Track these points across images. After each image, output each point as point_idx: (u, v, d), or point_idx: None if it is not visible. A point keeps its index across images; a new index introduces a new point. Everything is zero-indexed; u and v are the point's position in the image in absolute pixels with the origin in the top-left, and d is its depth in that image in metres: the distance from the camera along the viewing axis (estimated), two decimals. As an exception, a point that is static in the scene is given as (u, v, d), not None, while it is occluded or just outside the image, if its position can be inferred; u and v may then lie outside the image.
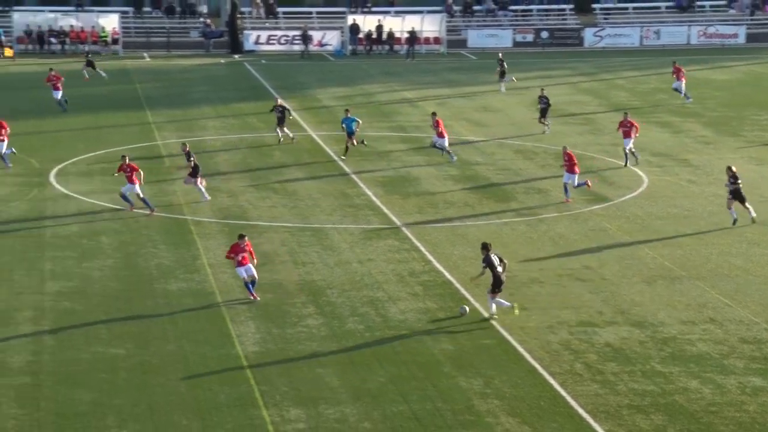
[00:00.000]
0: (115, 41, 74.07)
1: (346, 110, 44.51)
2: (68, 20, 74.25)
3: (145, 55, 73.28)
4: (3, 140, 40.37)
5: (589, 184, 37.65)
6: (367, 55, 75.15)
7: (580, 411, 21.81)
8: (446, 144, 42.45)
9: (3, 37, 72.16)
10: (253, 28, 77.46)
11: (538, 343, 25.17)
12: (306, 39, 74.27)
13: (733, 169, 34.54)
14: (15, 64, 67.97)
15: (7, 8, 76.54)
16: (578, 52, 76.15)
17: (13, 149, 41.31)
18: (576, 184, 37.22)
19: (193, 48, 75.80)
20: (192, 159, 36.99)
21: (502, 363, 24.09)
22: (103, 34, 73.93)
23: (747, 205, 34.31)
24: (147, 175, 40.35)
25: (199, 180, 36.82)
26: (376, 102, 57.07)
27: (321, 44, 75.42)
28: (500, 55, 61.30)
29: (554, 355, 24.46)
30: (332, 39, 76.35)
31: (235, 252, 27.75)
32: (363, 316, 26.79)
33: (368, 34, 76.11)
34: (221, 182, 39.68)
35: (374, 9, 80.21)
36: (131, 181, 34.78)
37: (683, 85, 55.69)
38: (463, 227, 34.40)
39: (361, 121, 43.96)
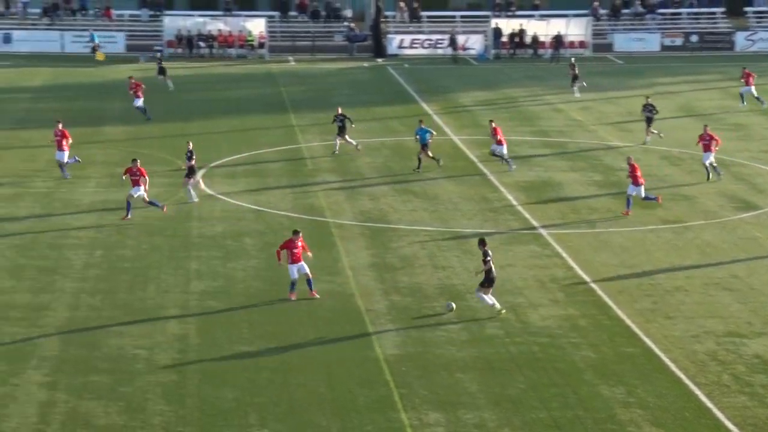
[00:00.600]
0: (261, 45, 75.33)
1: (420, 121, 43.49)
2: (216, 24, 75.81)
3: (290, 58, 74.36)
4: (64, 150, 39.66)
5: (660, 200, 36.56)
6: (510, 59, 74.83)
7: (727, 423, 21.30)
8: (505, 152, 41.69)
9: (97, 41, 73.76)
10: (397, 32, 77.87)
11: (683, 352, 24.68)
12: (453, 43, 74.34)
13: None
14: (168, 67, 69.64)
15: (158, 13, 78.59)
16: (729, 56, 74.39)
17: (77, 158, 40.84)
18: (643, 196, 36.13)
19: (337, 52, 76.60)
20: (192, 160, 37.20)
21: (646, 372, 23.69)
22: (249, 38, 75.26)
23: None
24: (289, 178, 41.00)
25: (191, 181, 37.05)
26: (519, 106, 56.77)
27: (464, 48, 75.39)
28: (573, 59, 61.95)
29: (700, 366, 23.94)
30: (475, 43, 76.25)
31: (287, 248, 27.79)
32: (503, 322, 26.66)
33: (512, 38, 75.79)
34: (363, 185, 39.99)
35: (518, 13, 79.81)
36: (136, 185, 34.94)
37: (753, 90, 54.46)
38: (606, 234, 33.96)
39: (435, 133, 42.88)
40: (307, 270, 27.98)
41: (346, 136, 44.44)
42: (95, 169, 41.54)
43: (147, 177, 35.26)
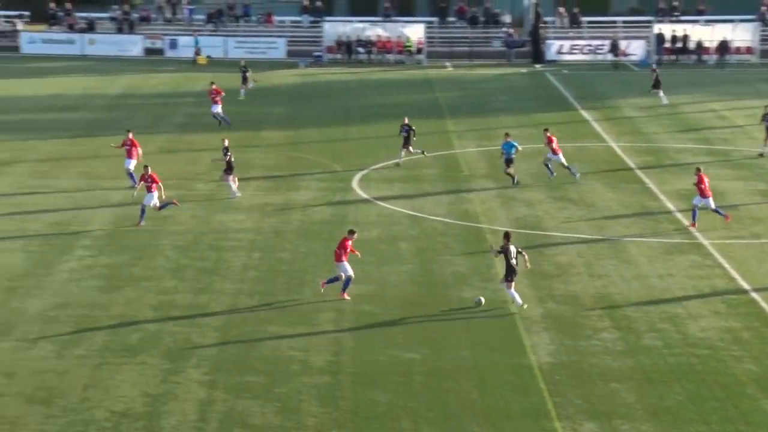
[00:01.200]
0: (419, 51, 75.70)
1: (506, 134, 41.64)
2: (375, 30, 76.52)
3: (447, 64, 74.51)
4: (132, 159, 39.88)
5: (728, 217, 35.05)
6: (672, 65, 73.40)
7: None
8: (563, 159, 40.69)
9: (199, 45, 74.44)
10: (556, 38, 77.25)
11: None
12: (615, 48, 73.37)
13: None
14: (325, 72, 70.58)
15: (318, 19, 79.78)
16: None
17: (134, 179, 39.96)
18: (713, 207, 34.73)
19: (495, 58, 76.40)
20: (228, 155, 37.74)
21: (810, 389, 22.97)
22: (408, 44, 75.70)
23: None
24: (445, 183, 41.08)
25: (232, 177, 37.75)
26: (681, 113, 55.65)
27: (625, 54, 74.28)
28: (654, 65, 60.81)
29: None
30: (637, 48, 75.04)
31: (342, 248, 28.25)
32: (661, 332, 26.19)
33: (674, 43, 74.35)
34: (518, 192, 39.80)
35: (682, 18, 78.23)
36: (150, 190, 35.13)
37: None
38: (770, 244, 33.03)
39: (521, 147, 40.96)
40: (351, 272, 28.44)
41: (410, 147, 43.50)
42: (254, 173, 42.38)
43: (160, 183, 35.47)
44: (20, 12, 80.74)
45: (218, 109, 50.74)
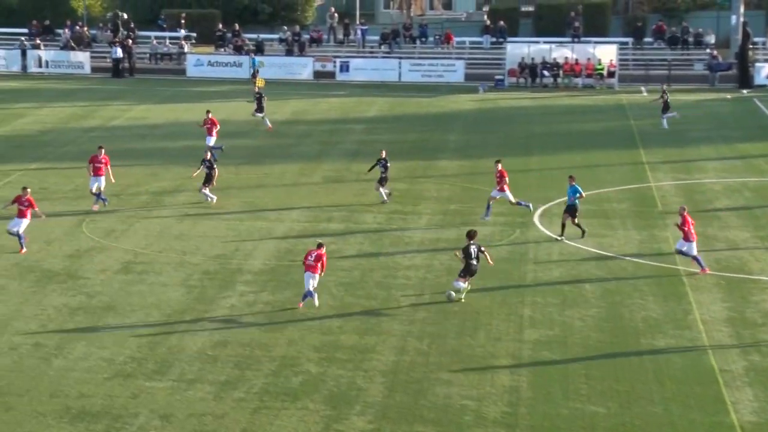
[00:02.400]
0: (611, 74, 74.96)
1: (570, 177, 38.44)
2: (562, 52, 76.11)
3: (642, 88, 73.55)
4: (99, 176, 41.54)
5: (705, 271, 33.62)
6: None
7: None
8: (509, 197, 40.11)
9: (256, 67, 75.31)
10: (766, 60, 75.40)
11: None
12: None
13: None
14: (505, 97, 70.54)
15: (501, 40, 79.89)
16: None
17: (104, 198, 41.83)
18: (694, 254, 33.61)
19: (696, 82, 75.10)
20: (209, 167, 41.12)
21: None
22: (598, 67, 75.06)
23: None
24: (636, 220, 40.40)
25: (206, 188, 41.33)
26: None
27: None
28: (664, 86, 61.44)
29: None
30: None
31: (319, 260, 30.69)
32: None
33: None
34: (719, 230, 38.87)
35: None
36: (22, 216, 35.66)
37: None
38: None
39: (584, 194, 38.13)
40: (313, 283, 30.65)
41: (383, 189, 42.65)
42: (427, 205, 42.56)
43: (37, 210, 36.00)
44: (187, 33, 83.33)
45: (211, 141, 50.67)
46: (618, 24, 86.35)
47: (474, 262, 31.12)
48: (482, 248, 31.64)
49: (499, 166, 40.44)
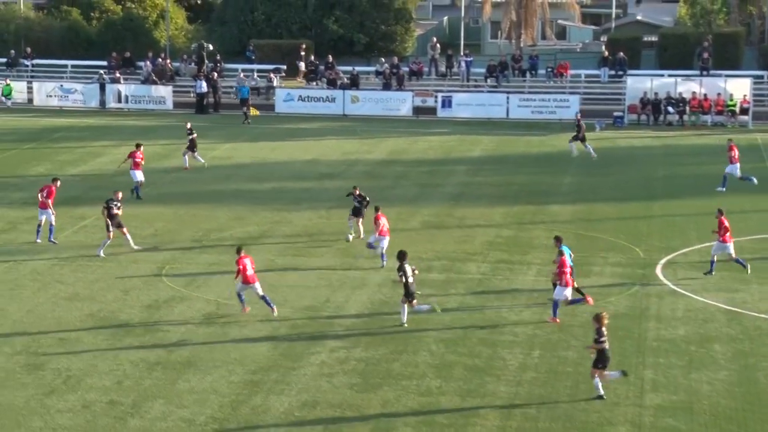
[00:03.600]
0: (744, 111, 74.13)
1: (557, 238, 37.23)
2: (689, 86, 75.47)
3: (779, 127, 72.69)
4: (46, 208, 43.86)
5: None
6: None
7: None
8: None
9: (247, 94, 76.90)
10: None
11: None
12: None
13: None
14: (624, 136, 70.13)
15: (621, 73, 79.56)
16: None
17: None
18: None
19: None
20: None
21: None
22: (730, 103, 74.31)
23: None
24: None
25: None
26: None
27: None
28: (578, 114, 65.19)
29: None
30: None
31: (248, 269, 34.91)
32: None
33: None
34: None
35: None
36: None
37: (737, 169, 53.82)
38: None
39: (572, 255, 36.50)
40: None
41: (360, 221, 43.70)
42: (537, 254, 42.39)
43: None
44: (276, 66, 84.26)
45: (137, 176, 51.92)
46: (752, 56, 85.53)
47: (411, 280, 34.02)
48: (414, 268, 34.80)
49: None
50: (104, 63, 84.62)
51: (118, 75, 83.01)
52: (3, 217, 48.05)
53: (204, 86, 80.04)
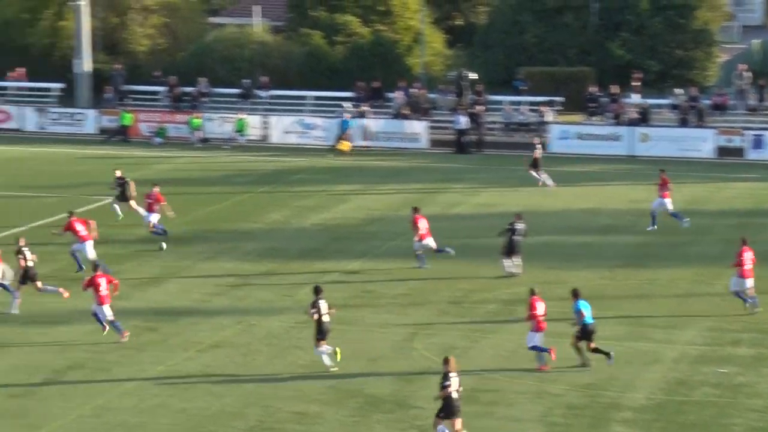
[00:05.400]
0: None
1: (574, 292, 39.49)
2: None
3: None
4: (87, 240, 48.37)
5: None
6: None
7: None
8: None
9: (347, 128, 77.73)
10: None
11: None
12: None
13: None
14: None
15: None
16: None
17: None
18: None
19: None
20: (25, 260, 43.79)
21: None
22: None
23: None
24: None
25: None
26: None
27: None
28: (537, 140, 69.99)
29: None
30: None
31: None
32: None
33: None
34: None
35: None
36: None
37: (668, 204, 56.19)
38: None
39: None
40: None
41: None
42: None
43: None
44: (551, 98, 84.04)
45: (153, 218, 54.11)
46: None
47: (326, 318, 37.08)
48: (331, 306, 37.73)
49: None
50: (349, 94, 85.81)
51: (364, 108, 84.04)
52: (234, 270, 49.27)
53: (464, 121, 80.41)
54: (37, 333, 41.11)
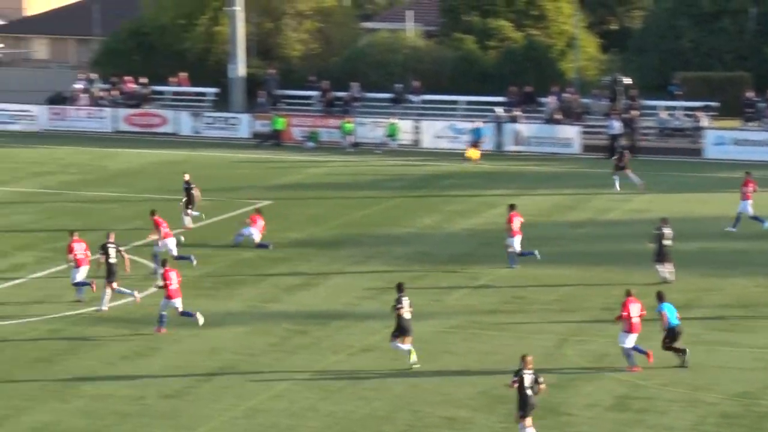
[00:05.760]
0: None
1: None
2: None
3: None
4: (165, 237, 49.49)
5: None
6: None
7: None
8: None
9: (480, 137, 77.73)
10: None
11: None
12: None
13: None
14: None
15: None
16: None
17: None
18: None
19: None
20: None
21: None
22: None
23: None
24: None
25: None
26: None
27: None
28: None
29: None
30: None
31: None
32: None
33: None
34: None
35: None
36: None
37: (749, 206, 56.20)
38: None
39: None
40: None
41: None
42: None
43: None
44: (706, 103, 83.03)
45: (253, 233, 53.88)
46: None
47: (407, 317, 38.44)
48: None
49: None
50: (501, 99, 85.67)
51: (517, 113, 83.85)
52: (385, 276, 49.30)
53: (618, 126, 79.76)
54: (189, 335, 41.55)
